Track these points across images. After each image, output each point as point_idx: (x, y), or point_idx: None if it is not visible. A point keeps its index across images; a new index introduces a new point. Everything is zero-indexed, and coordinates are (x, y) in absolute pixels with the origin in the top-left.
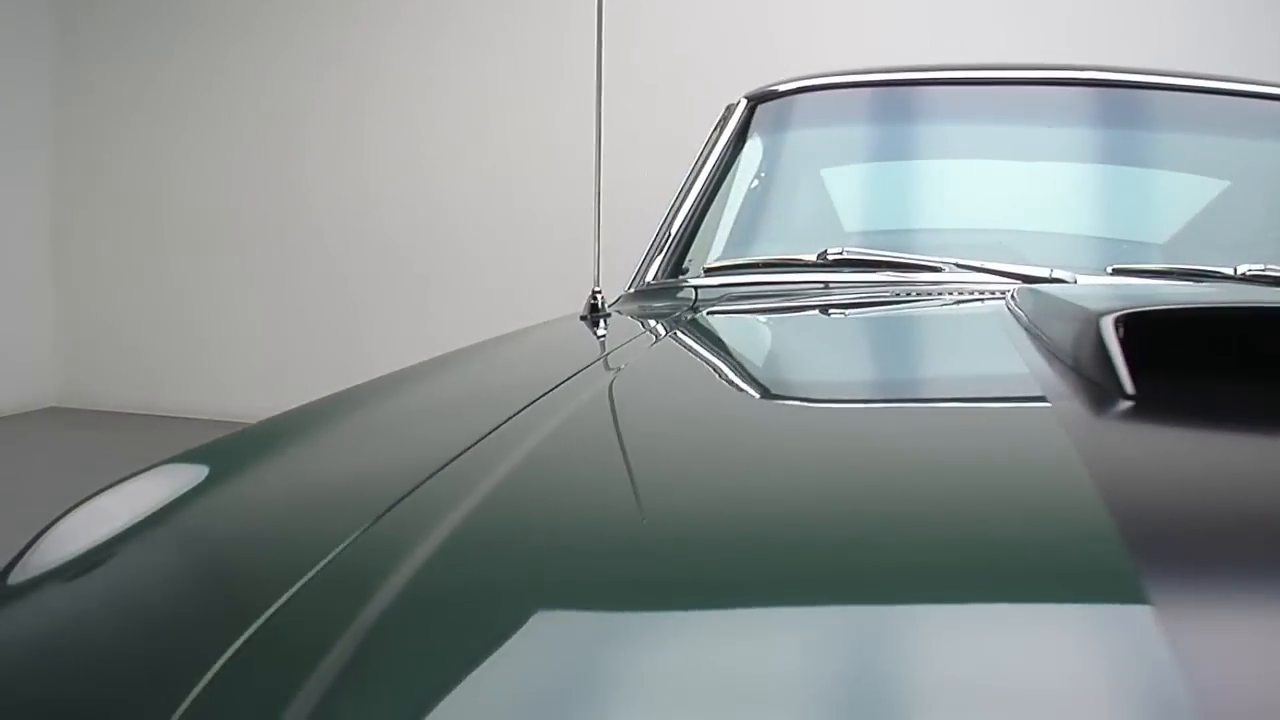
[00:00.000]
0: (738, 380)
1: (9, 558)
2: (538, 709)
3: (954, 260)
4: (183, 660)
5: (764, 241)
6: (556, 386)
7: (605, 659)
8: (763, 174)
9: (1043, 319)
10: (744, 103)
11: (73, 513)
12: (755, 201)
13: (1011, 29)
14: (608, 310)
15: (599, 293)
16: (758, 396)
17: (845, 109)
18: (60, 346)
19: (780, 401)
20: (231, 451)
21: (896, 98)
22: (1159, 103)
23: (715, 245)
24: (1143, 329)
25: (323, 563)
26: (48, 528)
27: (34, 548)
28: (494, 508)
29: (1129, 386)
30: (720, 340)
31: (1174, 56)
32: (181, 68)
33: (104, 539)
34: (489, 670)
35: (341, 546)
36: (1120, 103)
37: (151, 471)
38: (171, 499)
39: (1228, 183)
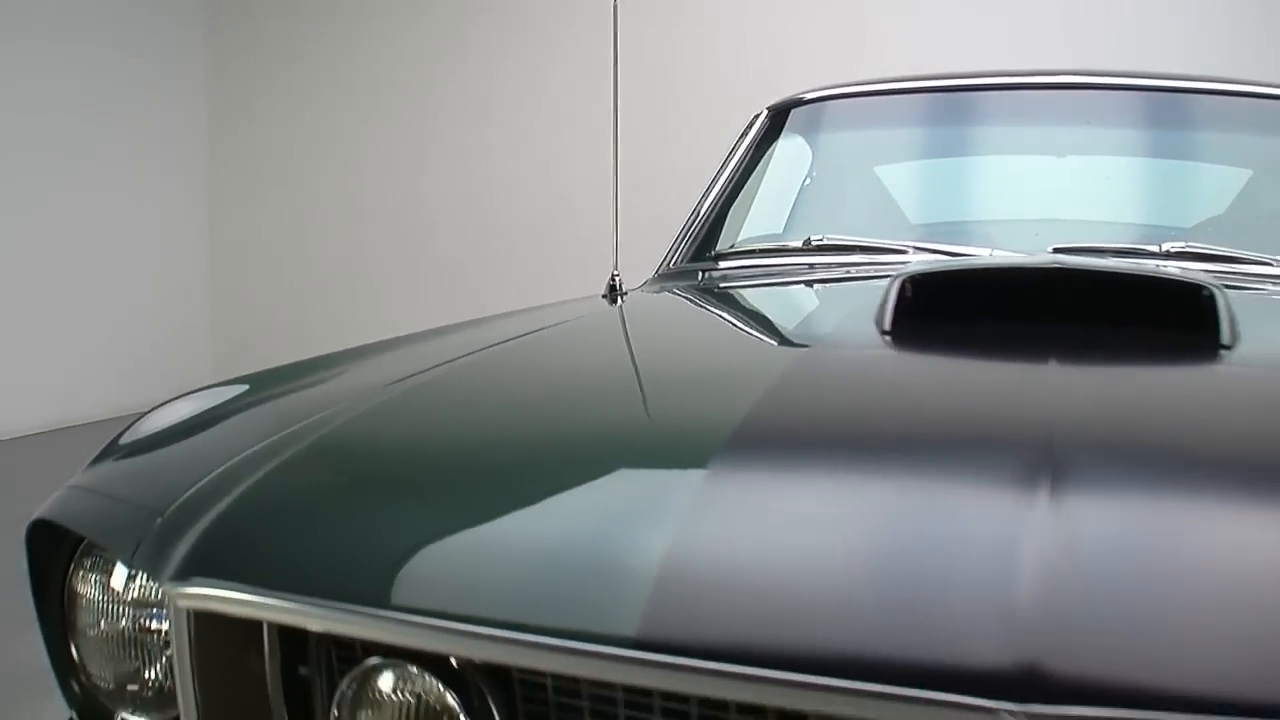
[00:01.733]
0: (718, 321)
1: None
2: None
3: (914, 244)
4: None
5: (771, 231)
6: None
7: None
8: (778, 174)
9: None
10: (765, 113)
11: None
12: (770, 197)
13: (1015, 38)
14: (625, 290)
15: (617, 275)
16: (727, 330)
17: (853, 116)
18: (215, 332)
19: (740, 332)
20: (276, 374)
21: (895, 105)
22: (1122, 102)
23: (728, 237)
24: (925, 287)
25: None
26: (141, 417)
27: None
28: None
29: (887, 325)
30: (712, 300)
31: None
32: (322, 71)
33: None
34: None
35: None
36: (1086, 103)
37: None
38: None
39: (1173, 170)
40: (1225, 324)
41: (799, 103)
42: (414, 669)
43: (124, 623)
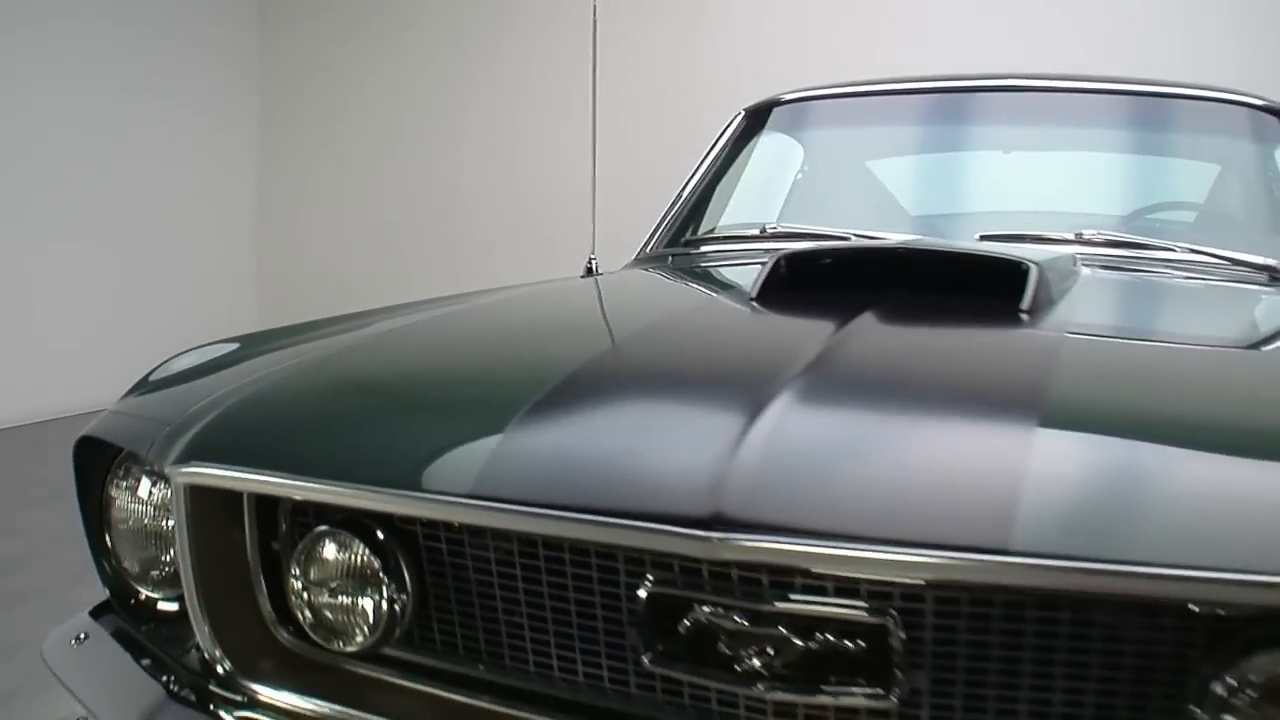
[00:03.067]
0: (650, 291)
1: None
2: None
3: (855, 232)
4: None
5: (744, 219)
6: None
7: None
8: (752, 169)
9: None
10: (742, 113)
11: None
12: (745, 190)
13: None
14: (600, 273)
15: (594, 258)
16: (649, 297)
17: (822, 117)
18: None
19: (658, 299)
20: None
21: (857, 107)
22: (1059, 103)
23: (706, 225)
24: (794, 264)
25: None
26: (164, 362)
27: (155, 371)
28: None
29: (755, 294)
30: (663, 276)
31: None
32: (365, 55)
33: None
34: None
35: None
36: (1025, 105)
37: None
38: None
39: (1102, 164)
40: (1030, 293)
41: (773, 104)
42: (349, 536)
43: (146, 521)
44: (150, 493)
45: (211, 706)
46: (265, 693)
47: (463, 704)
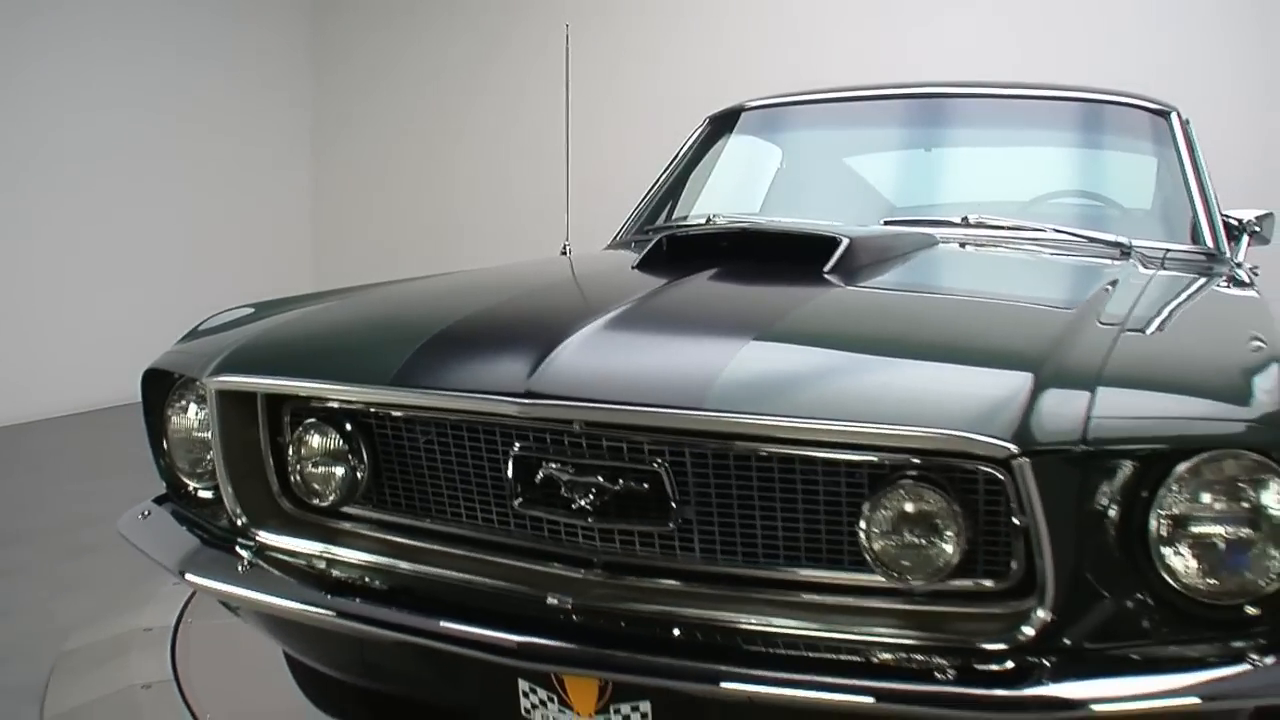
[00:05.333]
0: (591, 265)
1: None
2: None
3: (769, 219)
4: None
5: (701, 210)
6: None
7: None
8: (718, 168)
9: None
10: (706, 121)
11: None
12: (709, 186)
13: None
14: (568, 254)
15: (567, 244)
16: (583, 269)
17: (779, 122)
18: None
19: (585, 271)
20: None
21: (804, 113)
22: (962, 107)
23: (674, 216)
24: (672, 241)
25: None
26: (212, 315)
27: (204, 323)
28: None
29: (636, 263)
30: (614, 255)
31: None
32: (416, 58)
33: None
34: None
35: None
36: (943, 109)
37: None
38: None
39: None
40: (834, 260)
41: (733, 112)
42: (327, 426)
43: (193, 433)
44: (195, 411)
45: (233, 549)
46: (269, 538)
47: (402, 543)
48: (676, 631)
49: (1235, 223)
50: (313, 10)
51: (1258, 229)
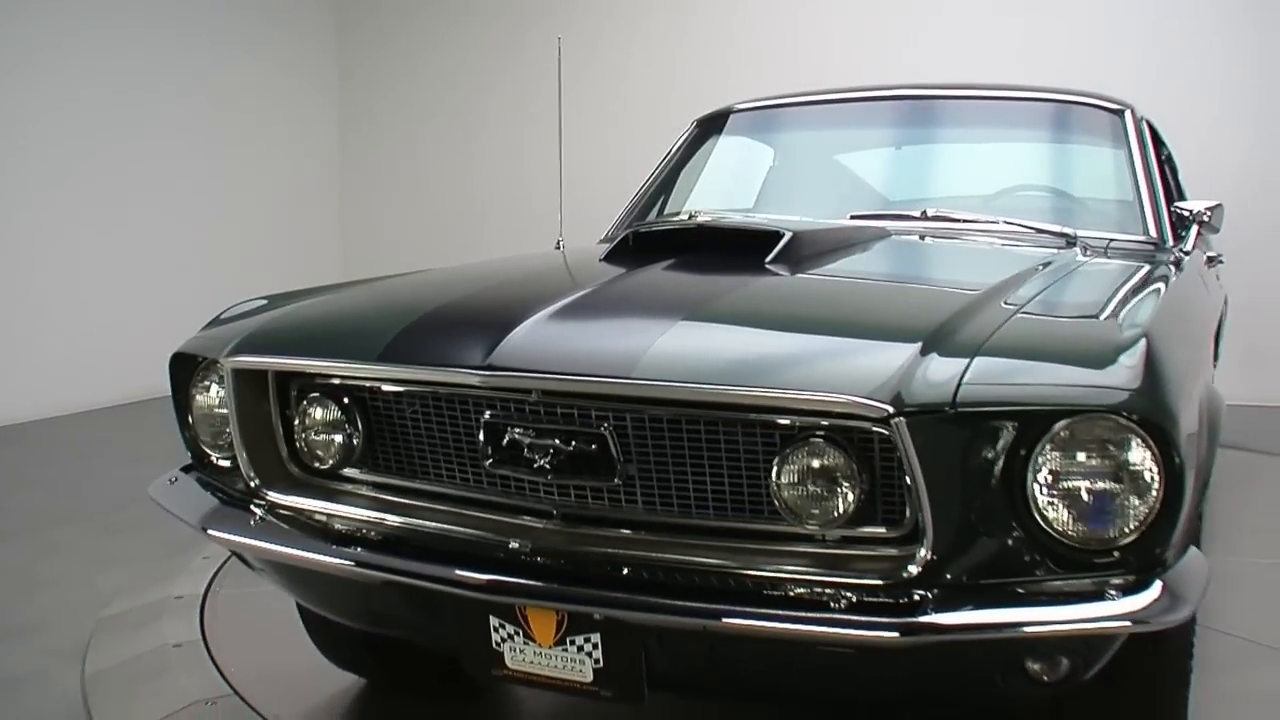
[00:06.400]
0: (574, 256)
1: None
2: None
3: (749, 215)
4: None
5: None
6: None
7: None
8: (705, 167)
9: None
10: (694, 124)
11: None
12: (696, 184)
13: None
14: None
15: (561, 239)
16: (570, 259)
17: (764, 124)
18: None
19: (566, 261)
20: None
21: (785, 115)
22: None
23: (658, 210)
24: (640, 236)
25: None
26: (232, 305)
27: (224, 312)
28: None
29: (603, 255)
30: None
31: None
32: (438, 58)
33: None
34: None
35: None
36: (912, 110)
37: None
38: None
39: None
40: (776, 251)
41: (719, 115)
42: (328, 400)
43: (214, 409)
44: (216, 390)
45: (247, 507)
46: (278, 498)
47: (391, 500)
48: (625, 570)
49: (1186, 214)
50: (338, 9)
51: (1207, 219)
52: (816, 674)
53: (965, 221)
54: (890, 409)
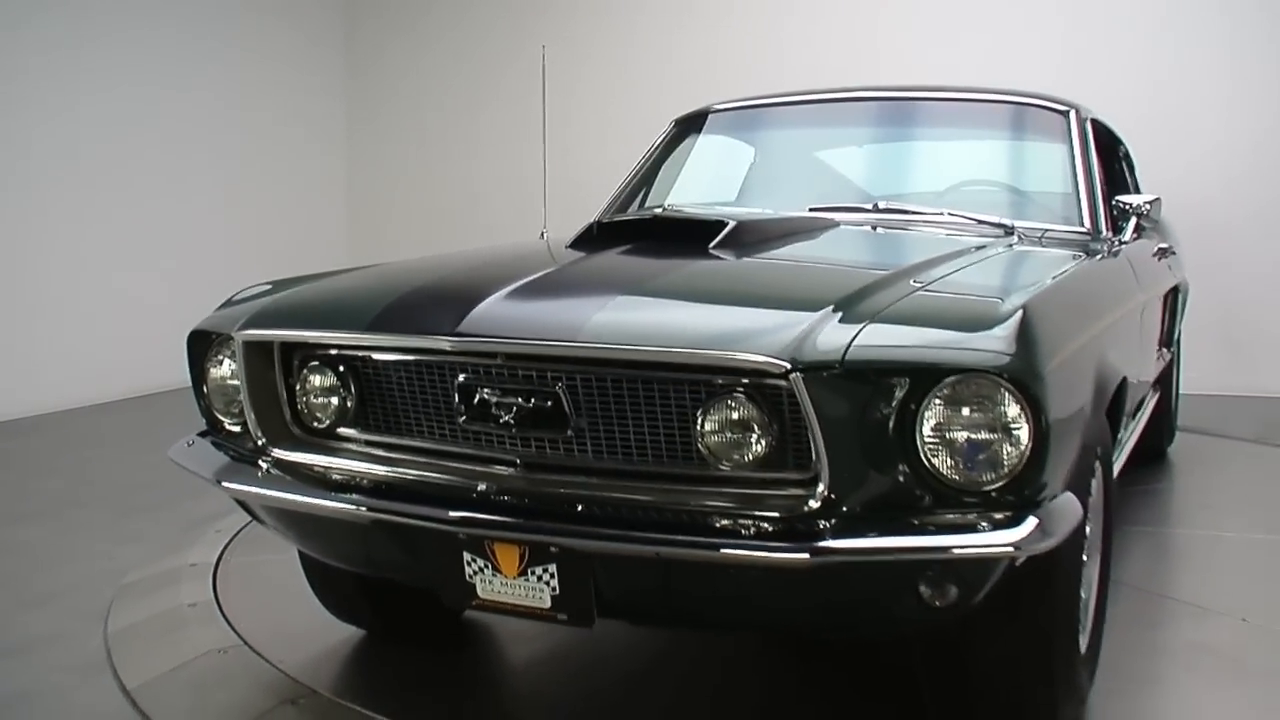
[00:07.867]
0: (555, 244)
1: None
2: None
3: (731, 208)
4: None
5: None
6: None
7: None
8: (684, 165)
9: None
10: (673, 123)
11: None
12: (673, 180)
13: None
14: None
15: (545, 230)
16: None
17: (739, 123)
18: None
19: (539, 248)
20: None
21: (758, 115)
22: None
23: (639, 203)
24: (603, 226)
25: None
26: (245, 289)
27: (237, 294)
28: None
29: (570, 243)
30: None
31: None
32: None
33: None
34: None
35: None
36: (873, 110)
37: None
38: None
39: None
40: (719, 238)
41: (696, 116)
42: (325, 368)
43: (226, 380)
44: (228, 364)
45: (256, 463)
46: (282, 454)
47: (380, 454)
48: (578, 508)
49: (1126, 206)
50: (346, 9)
51: (1146, 211)
52: (738, 602)
53: (913, 213)
54: (788, 365)
